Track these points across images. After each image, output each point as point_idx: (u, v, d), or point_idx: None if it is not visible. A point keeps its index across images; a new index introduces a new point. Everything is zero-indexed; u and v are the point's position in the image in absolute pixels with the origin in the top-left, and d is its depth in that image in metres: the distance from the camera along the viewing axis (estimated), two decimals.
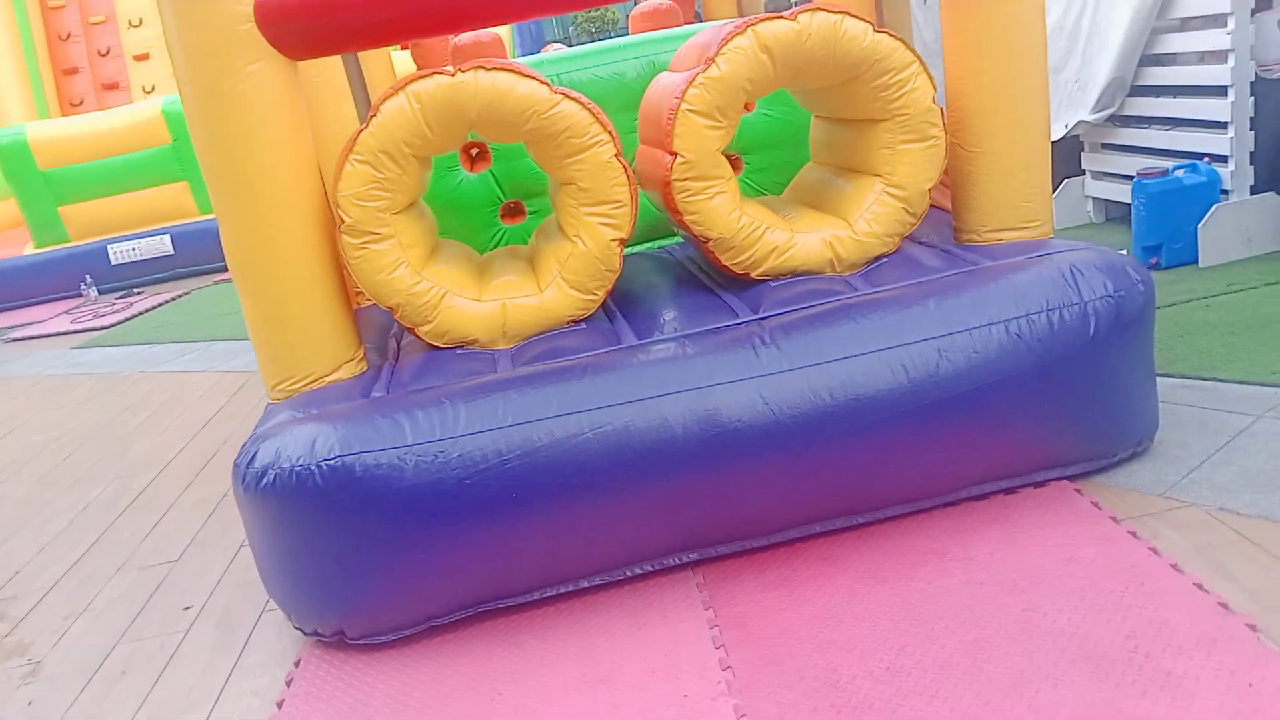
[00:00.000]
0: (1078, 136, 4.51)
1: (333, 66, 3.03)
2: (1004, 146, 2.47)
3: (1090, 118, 4.24)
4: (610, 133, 2.37)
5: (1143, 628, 1.82)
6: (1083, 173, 4.58)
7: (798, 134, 3.13)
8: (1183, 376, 2.77)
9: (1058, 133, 4.53)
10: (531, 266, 2.63)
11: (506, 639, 2.16)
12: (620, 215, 2.40)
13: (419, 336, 2.45)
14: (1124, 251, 2.37)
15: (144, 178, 8.21)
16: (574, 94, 2.35)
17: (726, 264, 2.52)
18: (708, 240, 2.48)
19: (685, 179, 2.41)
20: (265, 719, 2.05)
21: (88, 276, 8.25)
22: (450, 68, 2.29)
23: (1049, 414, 2.20)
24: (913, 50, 2.40)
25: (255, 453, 2.06)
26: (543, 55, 3.62)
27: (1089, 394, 2.21)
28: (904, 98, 2.41)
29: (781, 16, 2.34)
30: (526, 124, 2.32)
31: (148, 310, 7.30)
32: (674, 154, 2.39)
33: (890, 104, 2.43)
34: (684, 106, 2.36)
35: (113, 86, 11.01)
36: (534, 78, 2.30)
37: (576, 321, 2.49)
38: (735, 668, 1.93)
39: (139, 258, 8.48)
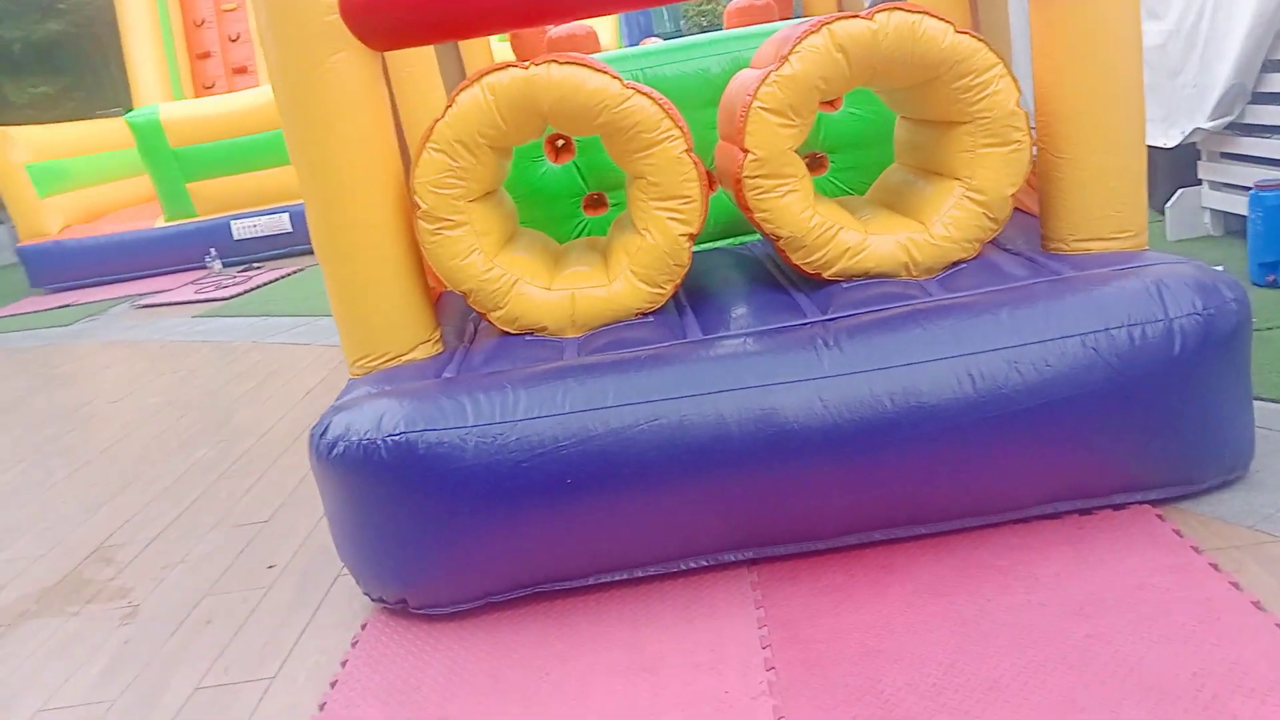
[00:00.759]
0: (1195, 144, 4.28)
1: (425, 55, 3.13)
2: (1094, 152, 2.38)
3: (1208, 125, 4.02)
4: (682, 128, 2.39)
5: (1212, 666, 1.73)
6: (1199, 182, 4.35)
7: (884, 133, 3.07)
8: None
9: (1174, 140, 4.32)
10: (605, 258, 2.67)
11: (560, 620, 2.22)
12: (689, 211, 2.42)
13: (490, 321, 2.53)
14: (1220, 268, 2.25)
15: (266, 158, 8.60)
16: (646, 89, 2.38)
17: (798, 263, 2.51)
18: (779, 239, 2.47)
19: (756, 176, 2.41)
20: (330, 676, 2.15)
21: (212, 250, 8.72)
22: (526, 62, 2.35)
23: (1129, 434, 2.11)
24: (995, 52, 2.33)
25: (329, 424, 2.17)
26: (631, 50, 3.65)
27: (1173, 416, 2.11)
28: (985, 100, 2.35)
29: (858, 15, 2.31)
30: (598, 118, 2.36)
31: (265, 284, 7.67)
32: (746, 151, 2.39)
33: (971, 106, 2.37)
34: (756, 104, 2.35)
35: (241, 70, 11.56)
36: (606, 72, 2.34)
37: (644, 314, 2.52)
38: (779, 668, 1.93)
39: (259, 234, 8.92)
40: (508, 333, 2.54)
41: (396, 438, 2.06)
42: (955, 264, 2.49)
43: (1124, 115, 2.37)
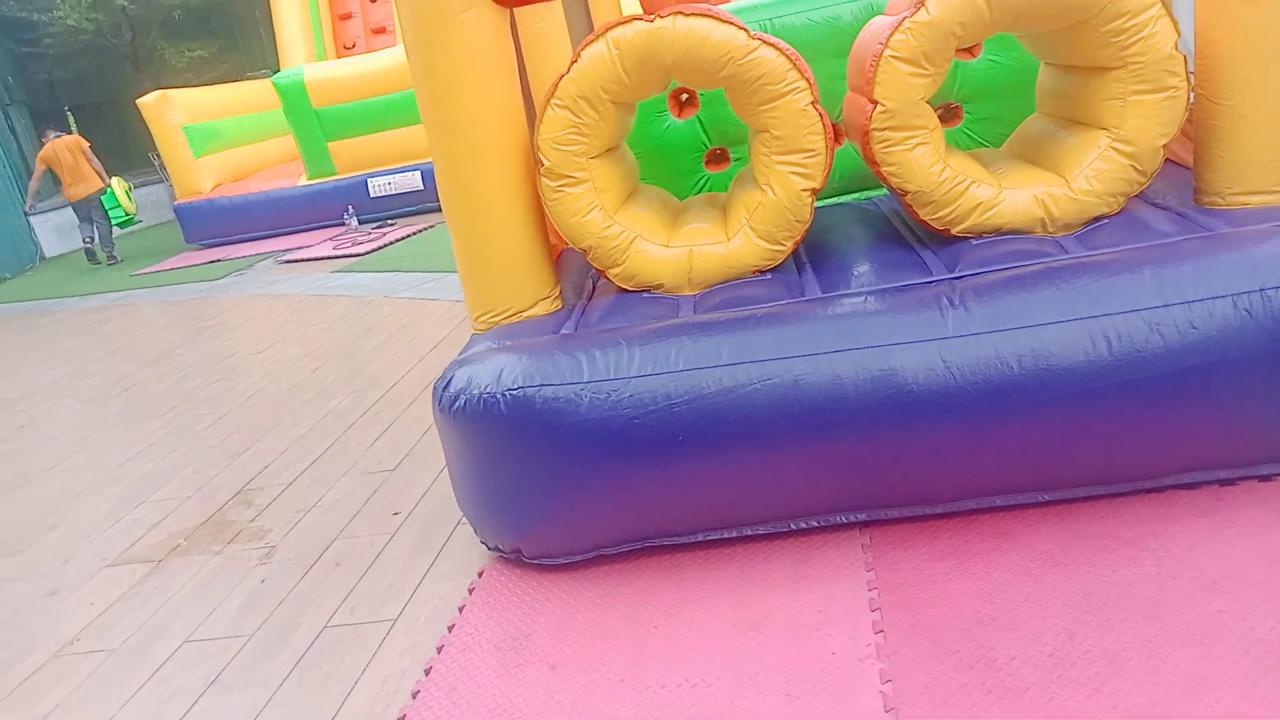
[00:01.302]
0: None
1: (553, 10, 3.14)
2: (1257, 100, 2.18)
3: None
4: (808, 79, 2.32)
5: None
6: None
7: (1024, 82, 2.90)
8: None
9: None
10: (724, 214, 2.63)
11: (668, 575, 2.24)
12: (813, 165, 2.35)
13: (609, 278, 2.54)
14: None
15: (401, 117, 8.86)
16: (773, 40, 2.31)
17: (926, 219, 2.41)
18: (906, 193, 2.38)
19: (885, 129, 2.32)
20: (447, 620, 2.24)
21: (350, 207, 9.10)
22: (652, 15, 2.32)
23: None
24: None
25: (451, 378, 2.23)
26: None
27: None
28: (1140, 43, 2.18)
29: None
30: (722, 70, 2.31)
31: (398, 240, 7.95)
32: (875, 102, 2.30)
33: (1124, 50, 2.20)
34: (888, 53, 2.26)
35: (380, 30, 11.90)
36: (732, 23, 2.28)
37: (762, 271, 2.48)
38: (888, 632, 1.90)
39: (393, 191, 9.23)
40: (625, 290, 2.55)
41: (515, 392, 2.10)
42: (1096, 219, 2.34)
43: None
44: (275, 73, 9.92)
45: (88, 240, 9.79)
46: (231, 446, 3.75)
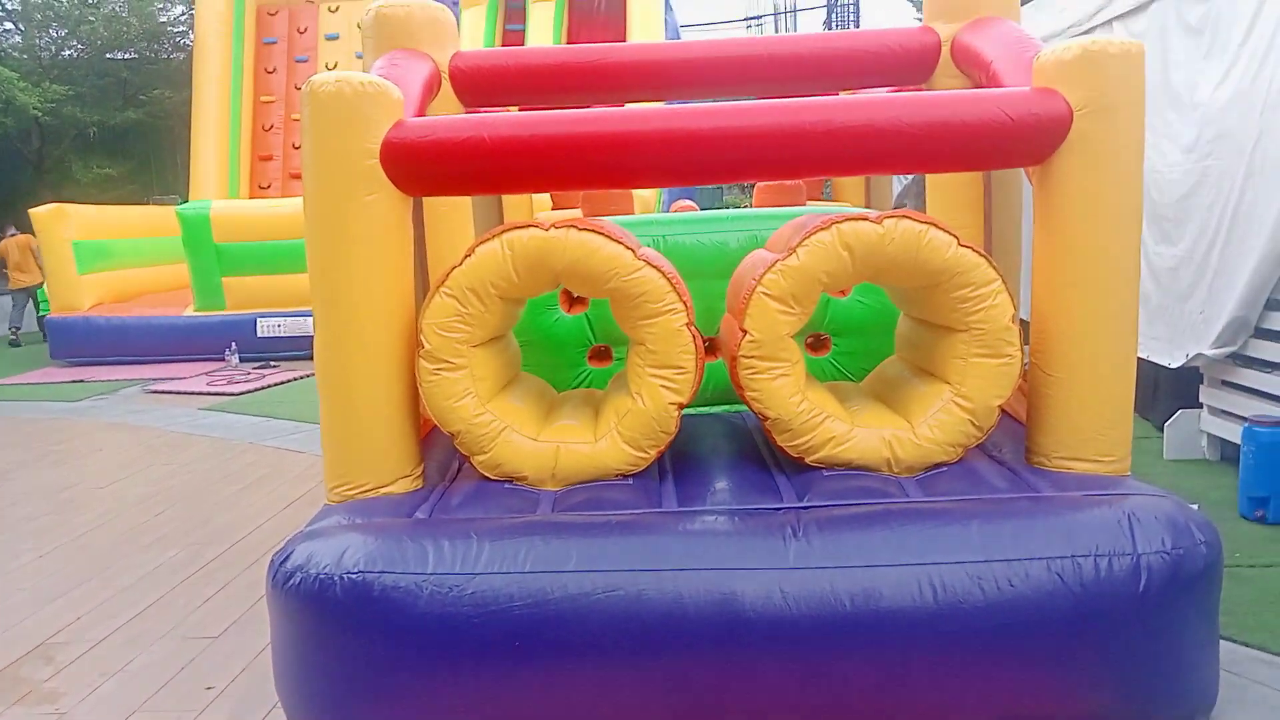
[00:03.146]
0: (1198, 369, 4.34)
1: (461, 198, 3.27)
2: (1083, 375, 2.42)
3: (1210, 352, 4.09)
4: (685, 302, 2.46)
5: None
6: (1200, 406, 4.38)
7: (888, 323, 3.14)
8: (1262, 650, 2.55)
9: (1178, 361, 4.39)
10: (597, 414, 2.70)
11: None
12: (682, 381, 2.46)
13: (473, 465, 2.54)
14: (1196, 506, 2.24)
15: (301, 263, 8.82)
16: (658, 261, 2.47)
17: (782, 445, 2.52)
18: (767, 419, 2.50)
19: (752, 356, 2.46)
20: None
21: (233, 344, 8.89)
22: (548, 222, 2.45)
23: (1088, 665, 2.06)
24: (996, 268, 2.41)
25: (291, 552, 2.16)
26: (659, 216, 3.80)
27: (1135, 652, 2.06)
28: (982, 312, 2.41)
29: (867, 218, 2.41)
30: (608, 283, 2.44)
31: (276, 384, 7.78)
32: (745, 331, 2.45)
33: (968, 316, 2.43)
34: (760, 289, 2.43)
35: (298, 176, 11.99)
36: (622, 242, 2.43)
37: (625, 475, 2.53)
38: None
39: (282, 334, 9.11)
40: (488, 478, 2.55)
41: (354, 576, 2.05)
42: (937, 465, 2.50)
43: (1116, 343, 2.43)
44: (183, 202, 9.89)
45: (14, 330, 11.33)
46: (46, 590, 3.47)
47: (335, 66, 12.77)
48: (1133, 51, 2.32)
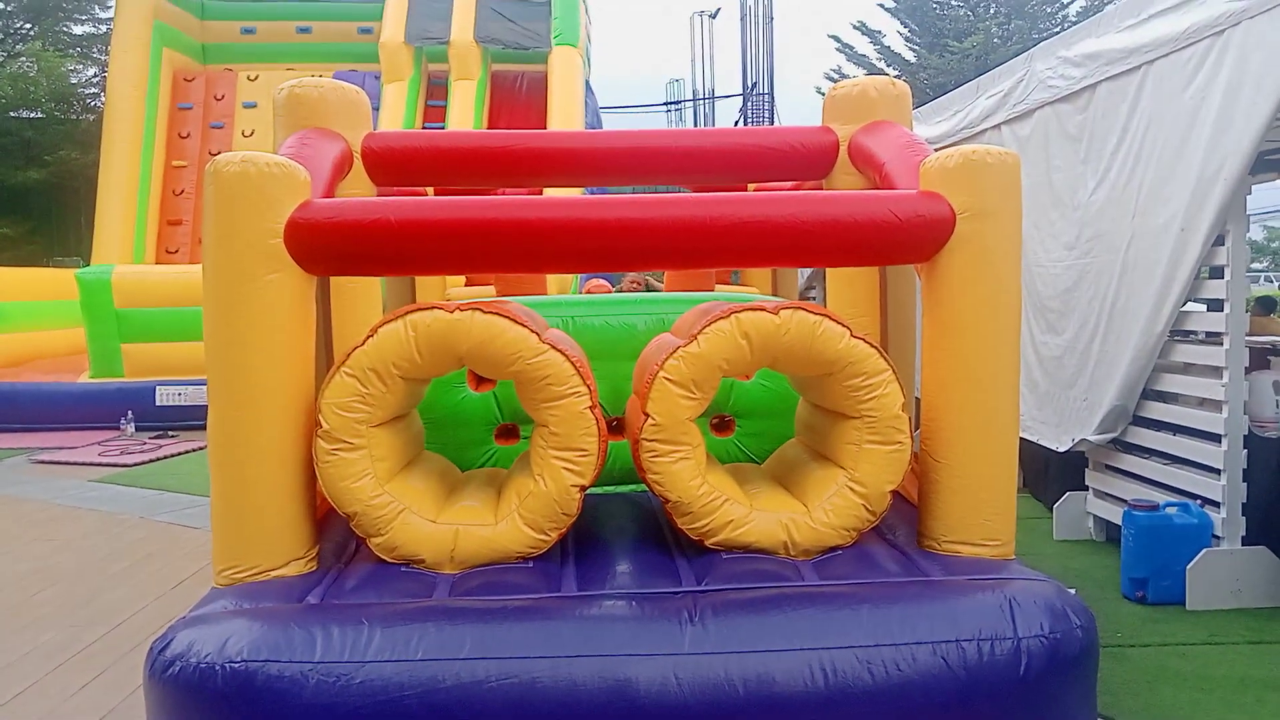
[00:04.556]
0: (1084, 453, 4.55)
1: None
2: (969, 463, 2.53)
3: (1093, 438, 4.30)
4: (590, 386, 2.50)
5: None
6: (1086, 488, 4.59)
7: (790, 405, 3.23)
8: None
9: (1064, 445, 4.59)
10: (498, 495, 2.69)
11: None
12: (584, 463, 2.48)
13: (370, 548, 2.50)
14: (1073, 590, 2.34)
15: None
16: (562, 345, 2.50)
17: (682, 527, 2.56)
18: (668, 501, 2.54)
19: (653, 440, 2.50)
20: None
21: (129, 412, 8.58)
22: (453, 304, 2.48)
23: None
24: (887, 360, 2.52)
25: (171, 639, 2.08)
26: (567, 297, 3.86)
27: None
28: (874, 401, 2.51)
29: (764, 309, 2.50)
30: (512, 365, 2.46)
31: (173, 455, 7.50)
32: (647, 415, 2.50)
33: (860, 404, 2.52)
34: (662, 374, 2.49)
35: None
36: (526, 325, 2.47)
37: (526, 558, 2.52)
38: None
39: (183, 403, 8.82)
40: (385, 561, 2.50)
41: (237, 666, 1.98)
42: (832, 549, 2.56)
43: (998, 432, 2.54)
44: (84, 266, 9.59)
45: None
46: None
47: (252, 134, 12.70)
48: (1009, 161, 2.50)
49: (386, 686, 1.98)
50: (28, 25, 16.59)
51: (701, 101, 26.34)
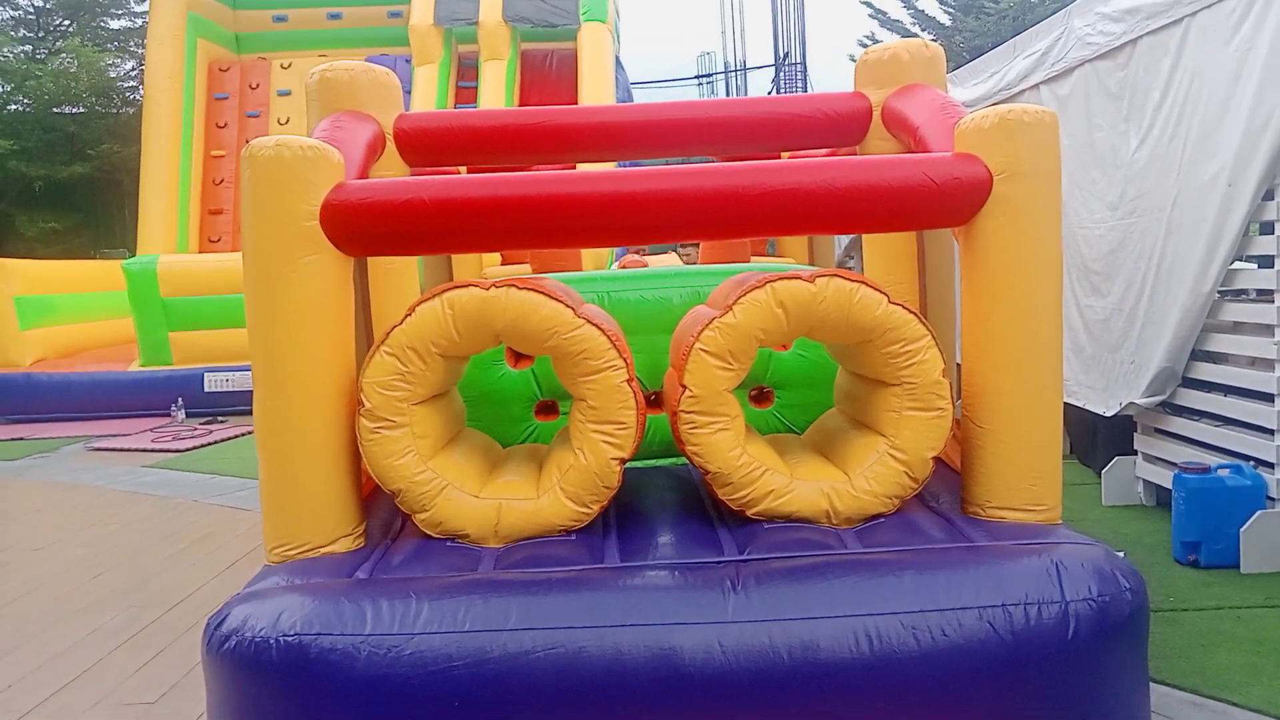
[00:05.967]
0: (1132, 417, 4.47)
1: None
2: (1013, 427, 2.50)
3: (1141, 401, 4.23)
4: (626, 359, 2.50)
5: None
6: (1135, 453, 4.51)
7: (829, 375, 3.21)
8: (1194, 692, 2.62)
9: (1111, 410, 4.52)
10: (540, 470, 2.71)
11: None
12: (623, 436, 2.49)
13: (414, 523, 2.54)
14: (1122, 554, 2.31)
15: None
16: (598, 319, 2.51)
17: (723, 498, 2.56)
18: (707, 472, 2.54)
19: (692, 411, 2.50)
20: None
21: (179, 399, 8.77)
22: (488, 281, 2.49)
23: (1020, 711, 2.10)
24: (926, 324, 2.49)
25: (227, 615, 2.13)
26: (603, 272, 3.86)
27: (1066, 696, 2.10)
28: (913, 367, 2.49)
29: (800, 276, 2.48)
30: (548, 340, 2.48)
31: (223, 440, 7.66)
32: (684, 387, 2.50)
33: (900, 371, 2.50)
34: (698, 346, 2.48)
35: None
36: (561, 300, 2.47)
37: (568, 531, 2.54)
38: None
39: (230, 389, 8.99)
40: (430, 536, 2.54)
41: (290, 639, 2.03)
42: (874, 517, 2.55)
43: (1041, 395, 2.50)
44: (130, 257, 9.78)
45: None
46: None
47: (288, 122, 12.82)
48: (1046, 119, 2.44)
49: (436, 657, 2.02)
50: (66, 22, 16.86)
51: (733, 74, 26.10)
